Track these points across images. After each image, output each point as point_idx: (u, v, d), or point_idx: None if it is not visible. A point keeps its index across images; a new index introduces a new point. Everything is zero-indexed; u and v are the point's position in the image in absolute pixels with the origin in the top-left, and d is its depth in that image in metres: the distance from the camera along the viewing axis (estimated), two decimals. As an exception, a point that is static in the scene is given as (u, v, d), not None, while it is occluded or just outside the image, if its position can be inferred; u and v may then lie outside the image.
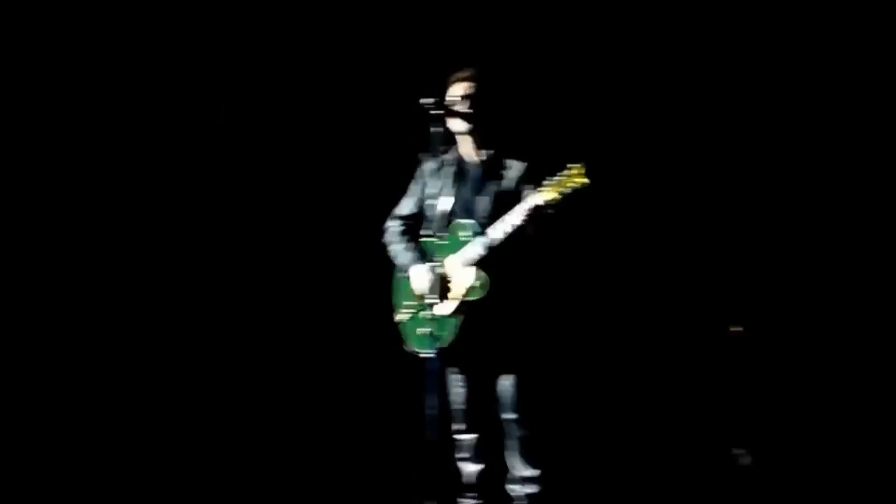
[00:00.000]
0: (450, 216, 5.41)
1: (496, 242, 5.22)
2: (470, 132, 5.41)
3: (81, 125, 6.72)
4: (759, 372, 6.35)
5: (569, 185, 5.04)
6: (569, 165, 5.05)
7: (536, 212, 5.13)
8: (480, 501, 5.46)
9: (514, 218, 5.17)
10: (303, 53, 6.81)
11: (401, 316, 5.53)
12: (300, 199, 6.85)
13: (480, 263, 5.26)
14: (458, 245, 5.34)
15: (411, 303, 5.49)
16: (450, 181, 5.45)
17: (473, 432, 5.47)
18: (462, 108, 5.35)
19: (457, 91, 5.38)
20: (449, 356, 5.38)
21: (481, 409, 5.45)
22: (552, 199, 5.08)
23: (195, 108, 6.80)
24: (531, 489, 5.34)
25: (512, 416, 5.34)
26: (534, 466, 5.33)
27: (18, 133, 6.66)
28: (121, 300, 6.73)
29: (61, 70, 6.69)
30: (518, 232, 5.18)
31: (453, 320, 5.32)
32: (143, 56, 6.76)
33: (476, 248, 5.28)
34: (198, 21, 6.76)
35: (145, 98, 6.78)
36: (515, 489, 5.37)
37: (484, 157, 5.43)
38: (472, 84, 5.38)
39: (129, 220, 6.77)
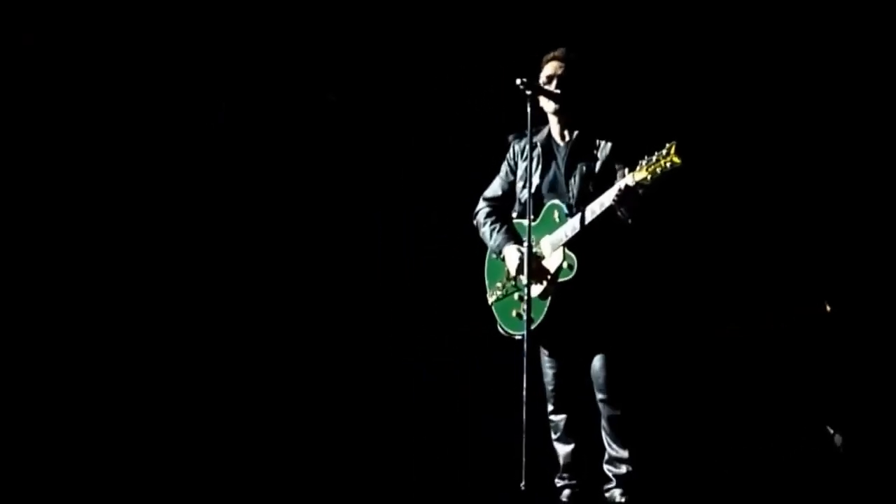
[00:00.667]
0: (540, 197, 5.41)
1: (587, 223, 5.21)
2: (560, 112, 5.40)
3: (80, 125, 6.72)
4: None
5: (662, 166, 4.97)
6: (666, 145, 4.99)
7: (628, 193, 5.08)
8: (574, 481, 5.48)
9: (606, 199, 5.14)
10: (400, 35, 6.78)
11: (492, 297, 5.55)
12: (398, 181, 6.85)
13: (571, 244, 5.26)
14: (549, 226, 5.34)
15: (503, 283, 5.51)
16: (540, 162, 5.44)
17: (565, 412, 5.47)
18: (553, 87, 5.35)
19: (548, 71, 5.38)
20: (541, 338, 5.38)
21: (574, 390, 5.45)
22: (644, 180, 5.04)
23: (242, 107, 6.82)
24: (625, 469, 5.34)
25: (605, 395, 5.33)
26: (627, 447, 5.33)
27: (18, 133, 6.70)
28: (142, 300, 6.75)
29: (60, 70, 6.70)
30: (610, 213, 5.16)
31: (544, 301, 5.32)
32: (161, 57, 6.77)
33: (566, 230, 5.27)
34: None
35: (167, 98, 6.79)
36: (611, 469, 5.37)
37: (573, 138, 5.43)
38: (563, 64, 5.37)
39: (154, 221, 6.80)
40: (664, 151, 4.96)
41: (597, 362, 5.35)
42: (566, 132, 5.45)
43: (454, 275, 6.16)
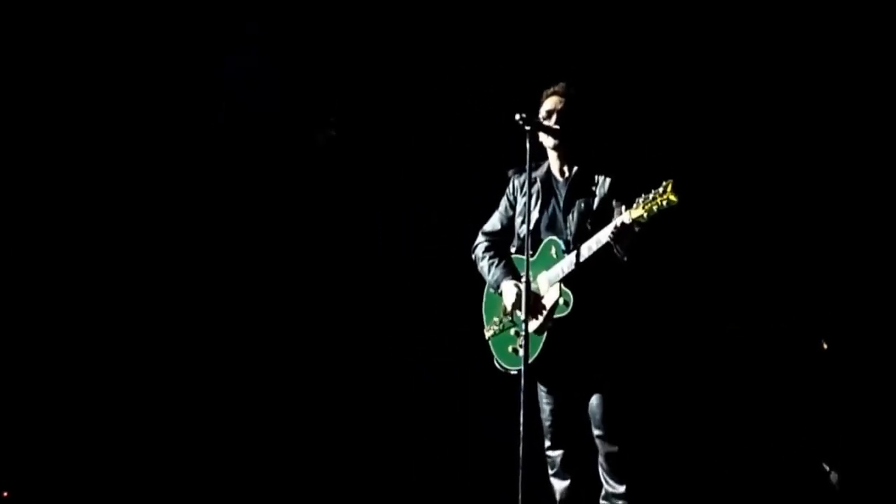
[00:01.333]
0: (539, 233, 5.41)
1: (583, 260, 5.21)
2: (560, 148, 5.41)
3: (76, 124, 6.76)
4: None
5: (658, 204, 4.97)
6: (663, 183, 4.99)
7: (625, 230, 5.09)
8: (571, 517, 5.47)
9: (602, 236, 5.15)
10: (400, 68, 6.82)
11: (489, 332, 5.55)
12: (398, 181, 6.88)
13: (567, 281, 5.26)
14: (546, 262, 5.35)
15: (500, 319, 5.51)
16: (539, 198, 5.45)
17: (562, 448, 5.46)
18: (552, 123, 5.36)
19: (548, 106, 5.40)
20: (537, 373, 5.38)
21: (571, 426, 5.44)
22: (640, 218, 5.04)
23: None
24: (622, 504, 5.33)
25: (602, 431, 5.32)
26: (624, 483, 5.31)
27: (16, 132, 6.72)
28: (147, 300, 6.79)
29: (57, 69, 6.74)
30: (606, 250, 5.16)
31: (540, 337, 5.32)
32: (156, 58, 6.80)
33: (563, 266, 5.27)
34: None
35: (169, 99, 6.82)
36: (608, 505, 5.37)
37: (573, 174, 5.44)
38: (563, 99, 5.38)
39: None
40: (661, 189, 4.96)
41: (594, 399, 5.34)
42: (566, 168, 5.46)
43: (454, 275, 6.13)
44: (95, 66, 6.74)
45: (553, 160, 5.49)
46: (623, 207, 5.13)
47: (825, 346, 6.22)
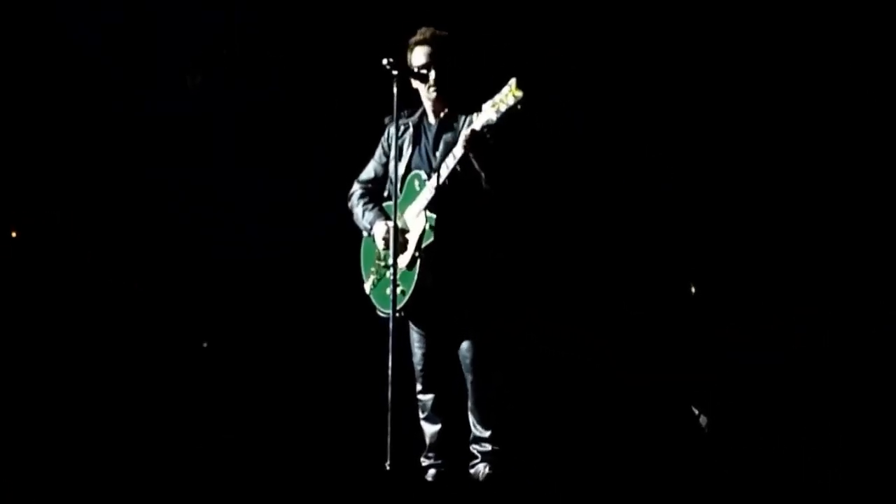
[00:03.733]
0: (408, 174, 5.41)
1: (442, 180, 5.20)
2: (432, 92, 5.39)
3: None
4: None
5: (504, 101, 4.96)
6: (508, 82, 4.97)
7: (477, 138, 5.07)
8: (440, 461, 5.50)
9: (458, 150, 5.15)
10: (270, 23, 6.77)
11: (368, 284, 5.53)
12: (268, 170, 6.82)
13: (431, 206, 5.25)
14: (412, 196, 5.35)
15: (376, 267, 5.50)
16: (411, 142, 5.45)
17: (433, 392, 5.49)
18: (422, 68, 5.34)
19: (419, 55, 5.36)
20: (412, 312, 5.38)
21: (443, 370, 5.47)
22: (489, 122, 5.04)
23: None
24: (490, 448, 5.37)
25: (472, 376, 5.35)
26: (491, 427, 5.36)
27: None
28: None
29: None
30: (464, 167, 5.15)
31: (412, 272, 5.32)
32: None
33: (425, 193, 5.28)
34: None
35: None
36: (477, 448, 5.40)
37: (442, 116, 5.43)
38: (432, 48, 5.34)
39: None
40: (505, 88, 4.96)
41: (464, 343, 5.36)
42: (439, 111, 5.45)
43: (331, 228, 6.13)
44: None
45: (428, 106, 5.47)
46: (474, 116, 5.14)
47: (693, 290, 6.31)
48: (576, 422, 6.37)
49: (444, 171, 5.20)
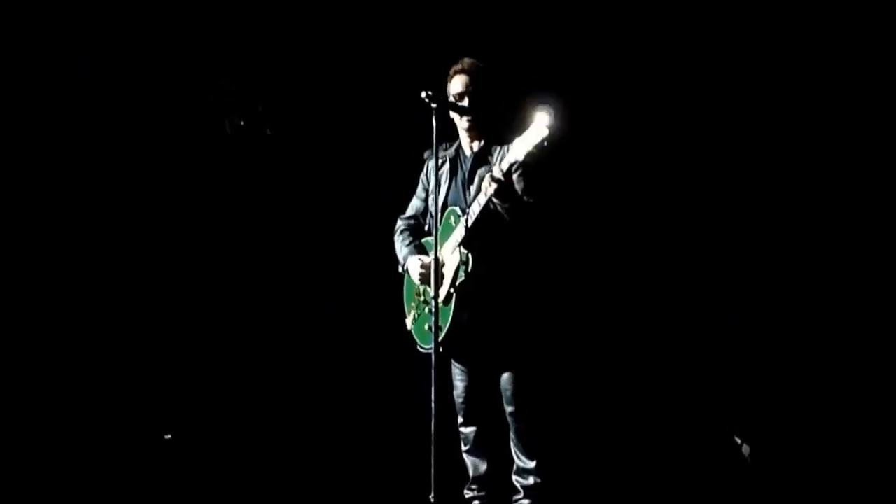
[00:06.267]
0: (445, 208, 5.41)
1: (473, 219, 5.20)
2: (470, 125, 5.41)
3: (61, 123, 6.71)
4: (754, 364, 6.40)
5: (534, 140, 4.96)
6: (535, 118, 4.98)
7: (499, 180, 5.05)
8: (483, 493, 5.50)
9: (481, 197, 5.15)
10: (306, 53, 6.80)
11: (409, 319, 5.54)
12: (306, 201, 6.83)
13: (465, 244, 5.24)
14: (448, 232, 5.35)
15: (415, 302, 5.51)
16: (447, 176, 5.48)
17: (475, 425, 5.50)
18: (460, 100, 5.35)
19: (457, 85, 5.38)
20: (449, 346, 5.36)
21: (484, 402, 5.47)
22: (517, 160, 5.04)
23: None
24: (533, 480, 5.37)
25: (513, 408, 5.36)
26: (535, 458, 5.36)
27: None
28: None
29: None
30: (496, 212, 5.16)
31: (448, 307, 5.31)
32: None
33: (459, 230, 5.27)
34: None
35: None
36: (520, 481, 5.39)
37: (477, 149, 5.45)
38: (470, 78, 5.36)
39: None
40: (534, 125, 4.95)
41: (505, 375, 5.37)
42: (475, 143, 5.47)
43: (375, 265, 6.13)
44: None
45: (464, 137, 5.49)
46: (505, 150, 5.15)
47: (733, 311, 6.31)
48: (620, 453, 6.36)
49: (473, 214, 5.21)
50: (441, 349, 5.28)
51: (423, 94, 5.14)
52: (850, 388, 6.19)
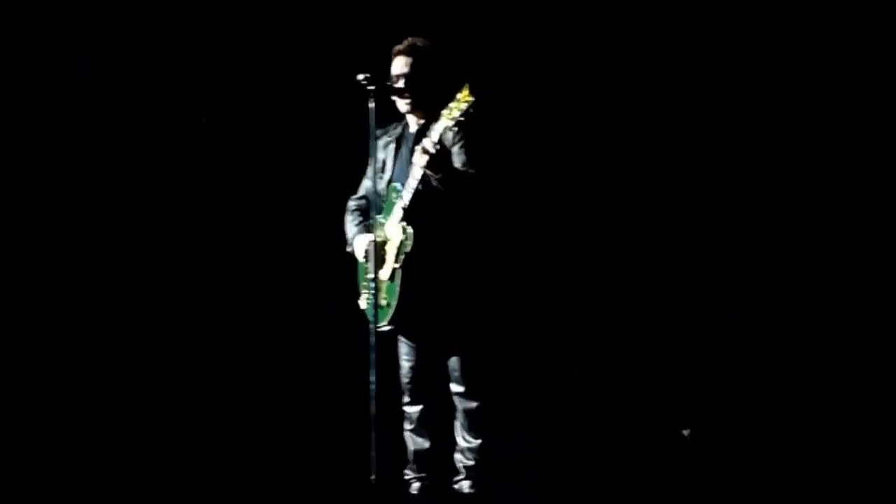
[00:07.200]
0: (389, 187, 5.43)
1: (411, 193, 5.22)
2: (408, 106, 5.40)
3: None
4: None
5: (458, 108, 4.99)
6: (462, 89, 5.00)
7: (430, 150, 5.08)
8: (424, 473, 5.51)
9: (418, 159, 5.15)
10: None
11: (363, 300, 5.51)
12: (254, 186, 6.84)
13: (407, 218, 5.25)
14: (391, 208, 5.35)
15: (367, 280, 5.49)
16: (392, 154, 5.48)
17: (420, 404, 5.50)
18: (400, 82, 5.34)
19: (395, 67, 5.37)
20: (398, 323, 5.36)
21: (429, 382, 5.48)
22: (446, 129, 5.07)
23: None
24: (474, 461, 5.38)
25: (462, 388, 5.37)
26: (479, 438, 5.37)
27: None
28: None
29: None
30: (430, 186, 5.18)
31: (395, 283, 5.32)
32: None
33: (400, 205, 5.29)
34: None
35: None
36: (462, 461, 5.41)
37: (419, 126, 5.43)
38: (410, 59, 5.35)
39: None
40: (459, 94, 4.98)
41: (453, 355, 5.38)
42: (419, 121, 5.45)
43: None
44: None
45: (409, 117, 5.49)
46: (433, 125, 5.15)
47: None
48: (564, 434, 6.38)
49: (410, 188, 5.22)
50: (391, 326, 5.32)
51: (360, 77, 5.13)
52: (851, 387, 6.21)
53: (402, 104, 5.39)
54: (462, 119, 5.03)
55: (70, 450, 6.36)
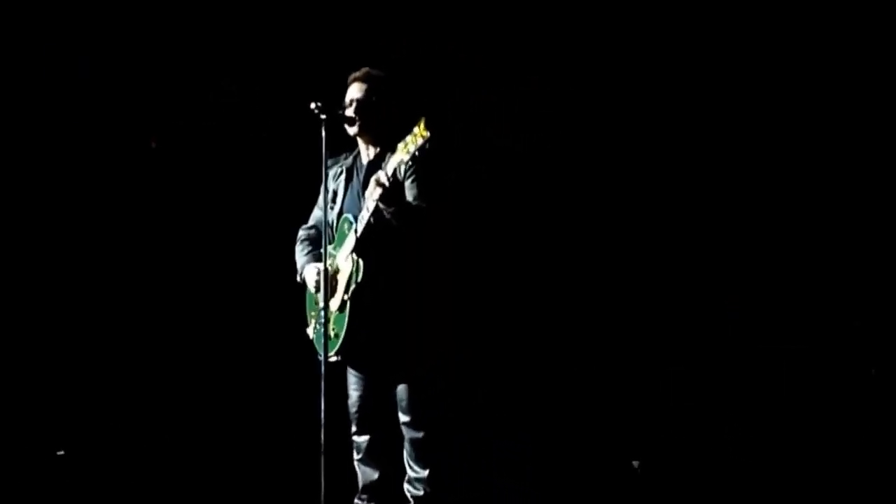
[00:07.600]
0: (341, 218, 5.43)
1: (363, 226, 5.22)
2: (361, 135, 5.43)
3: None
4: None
5: (414, 143, 4.96)
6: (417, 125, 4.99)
7: (383, 184, 5.07)
8: (373, 503, 5.48)
9: (372, 192, 5.15)
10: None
11: (311, 328, 5.53)
12: (207, 211, 6.84)
13: (358, 250, 5.25)
14: (343, 239, 5.36)
15: (316, 310, 5.49)
16: (343, 184, 5.49)
17: (368, 434, 5.49)
18: (351, 111, 5.36)
19: (349, 94, 5.40)
20: (346, 354, 5.36)
21: (378, 412, 5.47)
22: (400, 164, 5.07)
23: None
24: (423, 491, 5.38)
25: (409, 417, 5.37)
26: (427, 468, 5.37)
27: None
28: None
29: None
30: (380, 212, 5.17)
31: (344, 314, 5.31)
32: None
33: (351, 237, 5.29)
34: None
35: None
36: (411, 490, 5.40)
37: (372, 156, 5.45)
38: (364, 85, 5.38)
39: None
40: (415, 129, 4.96)
41: (401, 386, 5.38)
42: (371, 151, 5.48)
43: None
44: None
45: (361, 146, 5.50)
46: (389, 157, 5.14)
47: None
48: (564, 434, 6.37)
49: (362, 220, 5.23)
50: (339, 357, 5.32)
51: (312, 105, 5.15)
52: (851, 387, 6.26)
53: (352, 130, 5.40)
54: (417, 154, 5.03)
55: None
